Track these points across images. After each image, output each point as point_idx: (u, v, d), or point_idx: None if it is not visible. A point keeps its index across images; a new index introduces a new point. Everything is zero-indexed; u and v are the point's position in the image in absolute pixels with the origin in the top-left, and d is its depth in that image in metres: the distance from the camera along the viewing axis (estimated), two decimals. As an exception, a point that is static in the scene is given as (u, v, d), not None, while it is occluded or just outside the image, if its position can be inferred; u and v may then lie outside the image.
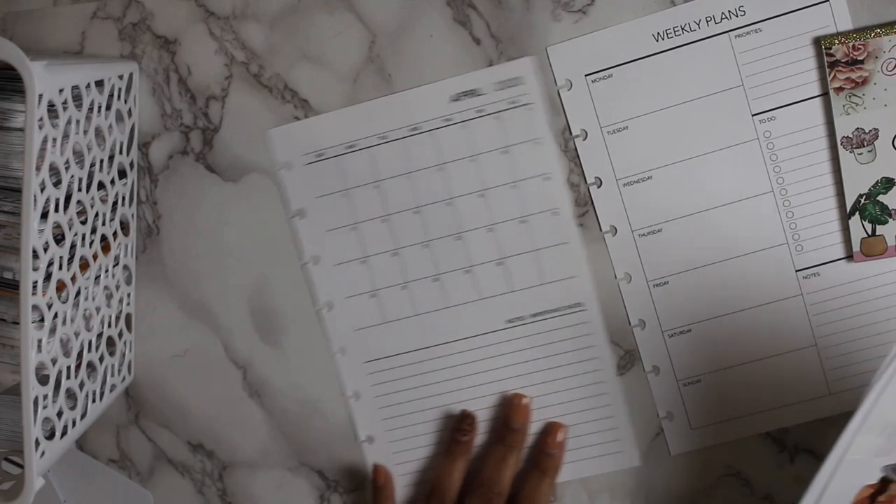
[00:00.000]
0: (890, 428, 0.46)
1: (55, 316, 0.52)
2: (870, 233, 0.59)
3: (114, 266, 0.61)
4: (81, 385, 0.57)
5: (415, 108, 0.61)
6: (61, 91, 0.50)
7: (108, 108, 0.58)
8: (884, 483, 0.48)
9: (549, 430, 0.62)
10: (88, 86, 0.54)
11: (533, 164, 0.61)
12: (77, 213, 0.54)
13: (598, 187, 0.61)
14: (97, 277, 0.58)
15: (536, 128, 0.61)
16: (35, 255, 0.49)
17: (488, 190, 0.61)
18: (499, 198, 0.61)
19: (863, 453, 0.47)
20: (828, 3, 0.58)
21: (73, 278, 0.55)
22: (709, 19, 0.59)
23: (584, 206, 0.61)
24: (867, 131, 0.58)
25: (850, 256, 0.60)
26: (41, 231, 0.49)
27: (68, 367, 0.55)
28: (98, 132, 0.57)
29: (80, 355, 0.57)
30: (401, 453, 0.64)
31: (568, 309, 0.62)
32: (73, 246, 0.54)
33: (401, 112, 0.61)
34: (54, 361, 0.53)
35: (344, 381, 0.64)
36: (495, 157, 0.61)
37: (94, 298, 0.58)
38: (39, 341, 0.50)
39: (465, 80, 0.61)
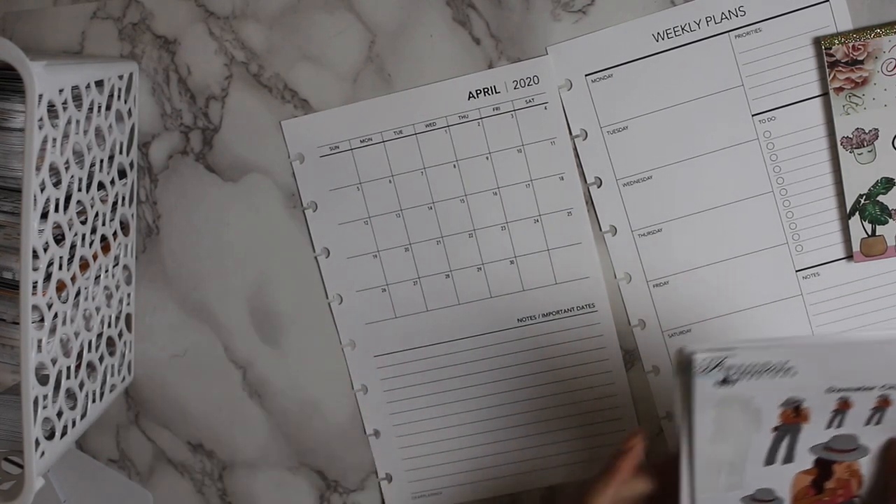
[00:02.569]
0: (724, 466, 0.47)
1: (55, 316, 0.52)
2: (870, 233, 0.59)
3: (114, 266, 0.61)
4: (81, 385, 0.57)
5: (431, 103, 0.61)
6: (61, 91, 0.50)
7: (108, 108, 0.58)
8: (822, 468, 0.47)
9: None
10: (88, 86, 0.54)
11: (548, 163, 0.61)
12: (77, 213, 0.54)
13: (598, 187, 0.61)
14: (97, 277, 0.58)
15: (552, 128, 0.61)
16: (35, 255, 0.49)
17: (503, 188, 0.61)
18: (513, 196, 0.61)
19: (713, 491, 0.47)
20: (828, 3, 0.58)
21: (73, 278, 0.55)
22: (709, 19, 0.59)
23: (585, 205, 0.61)
24: (867, 131, 0.58)
25: (850, 256, 0.60)
26: (41, 231, 0.49)
27: (68, 367, 0.55)
28: (98, 132, 0.57)
29: (80, 355, 0.57)
30: (407, 448, 0.64)
31: (580, 309, 0.62)
32: (73, 246, 0.54)
33: (417, 107, 0.61)
34: (54, 361, 0.53)
35: (352, 375, 0.64)
36: (511, 155, 0.61)
37: (94, 298, 0.58)
38: (39, 341, 0.50)
39: (482, 77, 0.61)
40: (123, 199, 0.62)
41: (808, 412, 0.45)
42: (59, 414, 0.54)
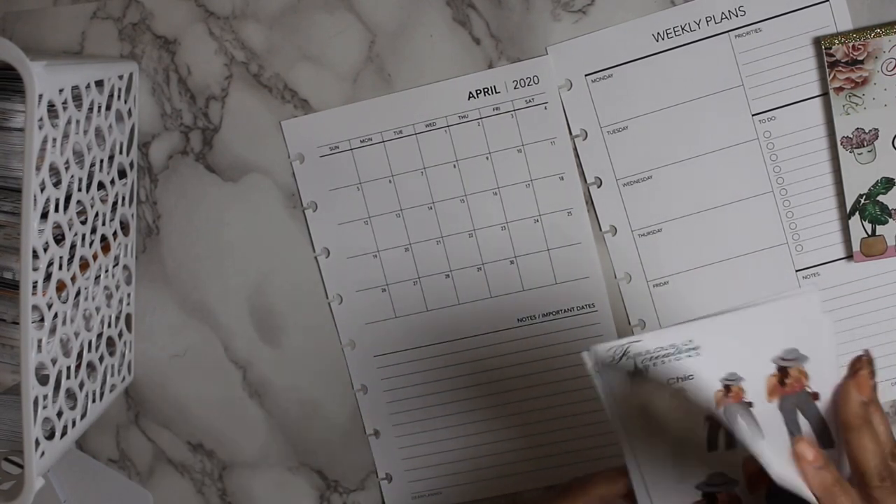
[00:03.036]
0: (668, 459, 0.46)
1: (55, 316, 0.52)
2: (870, 233, 0.59)
3: (114, 266, 0.61)
4: (81, 385, 0.57)
5: (431, 103, 0.61)
6: (61, 91, 0.50)
7: (108, 108, 0.58)
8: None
9: None
10: (88, 86, 0.54)
11: (548, 163, 0.61)
12: (77, 213, 0.54)
13: (598, 187, 0.61)
14: (97, 277, 0.58)
15: (552, 128, 0.61)
16: (35, 255, 0.49)
17: (503, 188, 0.61)
18: (513, 196, 0.61)
19: (665, 482, 0.47)
20: (828, 3, 0.58)
21: (73, 278, 0.55)
22: (709, 19, 0.59)
23: (585, 205, 0.61)
24: (867, 131, 0.58)
25: (850, 256, 0.60)
26: (41, 231, 0.49)
27: (68, 367, 0.55)
28: (98, 132, 0.57)
29: (80, 355, 0.57)
30: (407, 448, 0.64)
31: (580, 309, 0.62)
32: (73, 246, 0.54)
33: (417, 107, 0.61)
34: (54, 361, 0.53)
35: (352, 375, 0.64)
36: (510, 155, 0.61)
37: (94, 298, 0.58)
38: (39, 341, 0.50)
39: (482, 77, 0.61)
40: (123, 199, 0.62)
41: (741, 392, 0.44)
42: (59, 414, 0.54)
